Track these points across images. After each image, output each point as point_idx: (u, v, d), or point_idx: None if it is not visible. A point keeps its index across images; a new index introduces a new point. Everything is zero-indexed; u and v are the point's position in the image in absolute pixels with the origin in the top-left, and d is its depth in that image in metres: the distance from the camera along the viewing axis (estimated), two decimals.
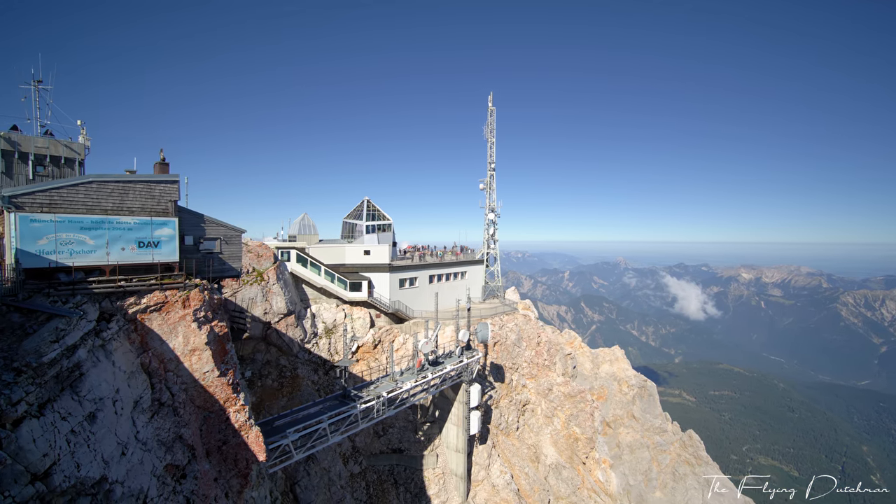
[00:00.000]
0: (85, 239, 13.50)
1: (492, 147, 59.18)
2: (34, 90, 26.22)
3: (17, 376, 10.64)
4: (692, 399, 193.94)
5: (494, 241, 59.95)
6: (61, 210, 13.39)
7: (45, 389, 11.13)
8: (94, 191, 14.28)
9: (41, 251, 12.72)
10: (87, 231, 13.54)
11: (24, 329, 11.72)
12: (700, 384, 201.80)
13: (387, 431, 39.98)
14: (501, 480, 39.68)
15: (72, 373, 11.90)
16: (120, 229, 14.24)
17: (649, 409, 77.01)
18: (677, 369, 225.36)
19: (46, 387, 11.22)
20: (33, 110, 26.24)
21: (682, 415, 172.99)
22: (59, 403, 11.37)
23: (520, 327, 48.96)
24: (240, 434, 16.62)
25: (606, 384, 73.75)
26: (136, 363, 14.23)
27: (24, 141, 24.54)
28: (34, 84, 26.34)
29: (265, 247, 38.51)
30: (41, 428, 10.70)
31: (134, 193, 15.13)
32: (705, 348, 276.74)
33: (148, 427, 14.03)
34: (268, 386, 36.57)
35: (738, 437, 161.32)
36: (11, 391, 10.34)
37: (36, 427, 10.60)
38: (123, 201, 14.85)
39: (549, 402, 47.43)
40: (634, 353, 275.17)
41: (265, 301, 36.61)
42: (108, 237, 13.99)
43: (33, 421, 10.58)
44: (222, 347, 16.40)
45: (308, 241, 48.06)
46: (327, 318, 41.76)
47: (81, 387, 12.07)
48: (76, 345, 12.05)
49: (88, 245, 13.61)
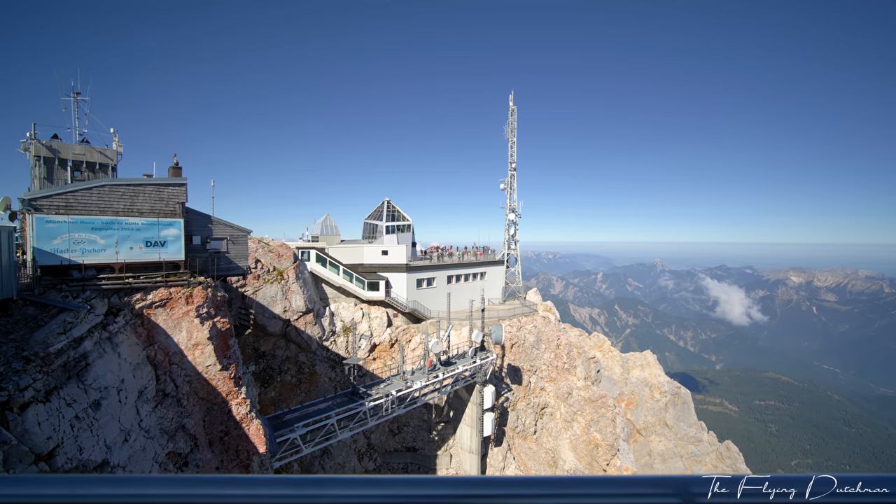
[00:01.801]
0: (96, 239, 14.56)
1: (512, 147, 58.50)
2: (73, 101, 28.42)
3: (25, 364, 11.58)
4: (734, 409, 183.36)
5: (515, 242, 59.19)
6: (76, 212, 14.51)
7: (52, 377, 12.04)
8: (107, 194, 15.36)
9: (55, 250, 13.85)
10: (98, 231, 14.61)
11: (36, 321, 12.76)
12: (743, 393, 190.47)
13: (402, 430, 40.38)
14: None
15: (78, 362, 12.82)
16: (128, 230, 15.26)
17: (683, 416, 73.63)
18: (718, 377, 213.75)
19: (53, 375, 12.14)
20: (72, 120, 28.44)
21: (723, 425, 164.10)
22: (64, 391, 12.28)
23: (539, 329, 48.10)
24: (241, 426, 17.29)
25: (637, 390, 71.15)
26: (142, 355, 15.12)
27: (63, 148, 26.60)
28: (73, 96, 28.54)
29: (285, 247, 39.85)
30: (46, 413, 11.60)
31: (144, 196, 16.15)
32: (749, 355, 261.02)
33: (151, 416, 14.87)
34: (286, 381, 37.84)
35: (786, 450, 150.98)
36: (20, 378, 11.27)
37: (42, 412, 11.50)
38: (134, 203, 15.88)
39: (568, 406, 46.30)
40: (672, 358, 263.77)
41: (285, 299, 37.88)
42: (118, 237, 15.02)
43: (39, 406, 11.48)
44: (224, 342, 17.14)
45: (330, 242, 49.30)
46: (346, 317, 42.66)
47: (87, 376, 12.97)
48: (82, 337, 12.97)
49: (99, 244, 14.67)
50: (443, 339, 33.38)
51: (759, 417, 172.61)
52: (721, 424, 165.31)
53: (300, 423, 23.97)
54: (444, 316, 45.12)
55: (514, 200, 58.85)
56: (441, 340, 33.06)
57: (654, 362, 79.34)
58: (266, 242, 39.79)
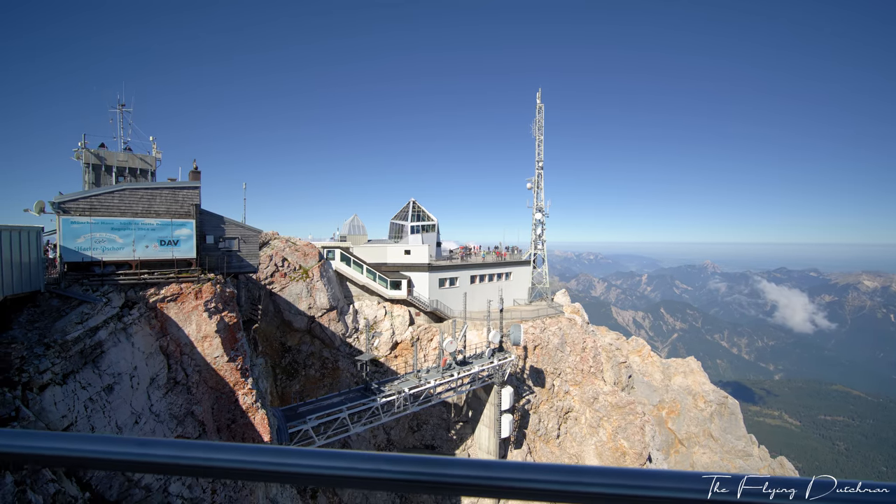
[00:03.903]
0: (115, 238, 16.02)
1: (540, 145, 57.41)
2: (119, 113, 31.22)
3: (46, 350, 12.95)
4: (795, 423, 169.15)
5: (542, 242, 58.03)
6: (100, 214, 16.05)
7: (69, 362, 13.37)
8: (127, 197, 16.85)
9: (79, 248, 15.40)
10: (117, 231, 16.07)
11: (59, 312, 14.22)
12: (806, 406, 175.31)
13: (421, 427, 40.79)
14: None
15: (94, 350, 14.14)
16: (144, 229, 16.65)
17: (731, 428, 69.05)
18: (777, 387, 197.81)
19: (71, 360, 13.47)
20: (118, 129, 31.26)
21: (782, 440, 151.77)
22: (80, 375, 13.59)
23: (563, 331, 46.89)
24: (247, 415, 18.28)
25: (679, 398, 67.49)
26: (155, 345, 16.40)
27: (108, 156, 29.31)
28: (119, 108, 31.36)
29: (311, 246, 41.48)
30: (63, 394, 12.91)
31: (160, 198, 17.55)
32: (813, 366, 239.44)
33: (162, 401, 16.09)
34: (311, 375, 39.36)
35: (856, 472, 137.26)
36: (40, 362, 12.63)
37: (58, 392, 12.81)
38: (151, 205, 17.30)
39: (594, 411, 44.77)
40: (724, 366, 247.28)
41: (309, 296, 39.43)
42: (135, 236, 16.44)
43: (56, 388, 12.79)
44: (232, 335, 18.20)
45: (357, 242, 50.70)
46: (369, 315, 43.71)
47: (102, 362, 14.28)
48: (98, 326, 14.31)
49: (118, 243, 16.13)
50: (458, 339, 33.39)
51: (825, 434, 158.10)
52: (780, 439, 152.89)
53: (313, 416, 24.92)
54: (467, 315, 45.15)
55: (542, 199, 57.72)
56: (455, 340, 33.09)
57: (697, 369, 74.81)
58: (293, 242, 41.62)
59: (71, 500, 12.31)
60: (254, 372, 19.83)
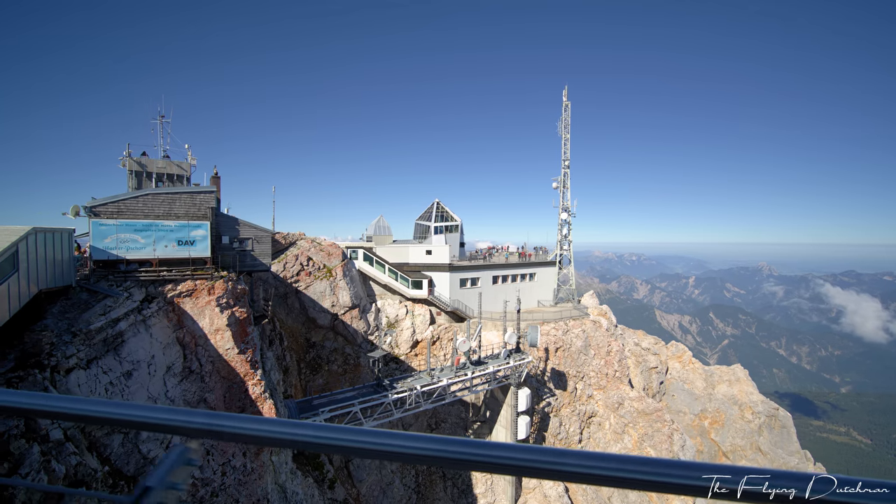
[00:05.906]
0: (137, 238, 17.72)
1: (566, 144, 56.31)
2: (159, 123, 34.05)
3: (73, 338, 14.58)
4: (866, 441, 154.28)
5: (568, 242, 56.79)
6: (125, 216, 17.82)
7: (93, 349, 14.97)
8: (150, 201, 18.57)
9: (106, 247, 17.20)
10: (139, 232, 17.76)
11: (87, 304, 15.93)
12: (879, 423, 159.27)
13: (439, 425, 41.23)
14: (554, 492, 37.68)
15: (115, 339, 15.72)
16: (164, 231, 18.27)
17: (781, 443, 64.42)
18: (844, 401, 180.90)
19: (95, 348, 15.07)
20: (158, 138, 34.12)
21: (850, 458, 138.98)
22: (103, 361, 15.16)
23: (588, 334, 45.70)
24: (256, 404, 19.49)
25: (723, 408, 63.85)
26: (172, 337, 17.91)
27: (149, 163, 32.08)
28: (159, 119, 34.21)
29: (335, 246, 43.08)
30: (86, 377, 14.48)
31: (180, 202, 19.16)
32: (888, 378, 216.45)
33: (177, 388, 17.55)
34: (333, 370, 40.90)
35: None
36: (67, 348, 14.25)
37: (82, 376, 14.39)
38: (171, 209, 18.94)
39: (619, 416, 43.30)
40: (781, 375, 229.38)
41: (333, 294, 40.99)
42: (155, 237, 18.08)
43: (81, 372, 14.38)
44: (243, 329, 19.49)
45: (383, 242, 52.00)
46: (390, 313, 44.76)
47: (122, 350, 15.84)
48: (119, 318, 15.89)
49: (140, 243, 17.82)
50: (472, 339, 33.54)
51: None
52: (847, 458, 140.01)
53: (326, 409, 26.04)
54: (487, 316, 45.08)
55: (568, 199, 56.55)
56: (469, 339, 33.25)
57: (744, 378, 70.13)
58: (318, 242, 43.42)
59: (91, 472, 13.79)
60: (265, 364, 21.07)
